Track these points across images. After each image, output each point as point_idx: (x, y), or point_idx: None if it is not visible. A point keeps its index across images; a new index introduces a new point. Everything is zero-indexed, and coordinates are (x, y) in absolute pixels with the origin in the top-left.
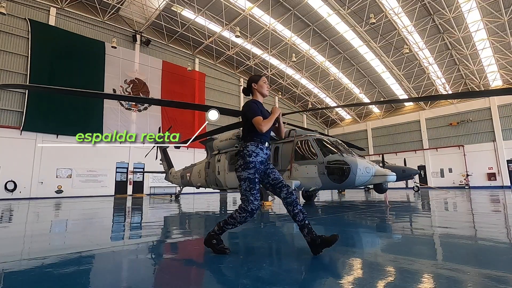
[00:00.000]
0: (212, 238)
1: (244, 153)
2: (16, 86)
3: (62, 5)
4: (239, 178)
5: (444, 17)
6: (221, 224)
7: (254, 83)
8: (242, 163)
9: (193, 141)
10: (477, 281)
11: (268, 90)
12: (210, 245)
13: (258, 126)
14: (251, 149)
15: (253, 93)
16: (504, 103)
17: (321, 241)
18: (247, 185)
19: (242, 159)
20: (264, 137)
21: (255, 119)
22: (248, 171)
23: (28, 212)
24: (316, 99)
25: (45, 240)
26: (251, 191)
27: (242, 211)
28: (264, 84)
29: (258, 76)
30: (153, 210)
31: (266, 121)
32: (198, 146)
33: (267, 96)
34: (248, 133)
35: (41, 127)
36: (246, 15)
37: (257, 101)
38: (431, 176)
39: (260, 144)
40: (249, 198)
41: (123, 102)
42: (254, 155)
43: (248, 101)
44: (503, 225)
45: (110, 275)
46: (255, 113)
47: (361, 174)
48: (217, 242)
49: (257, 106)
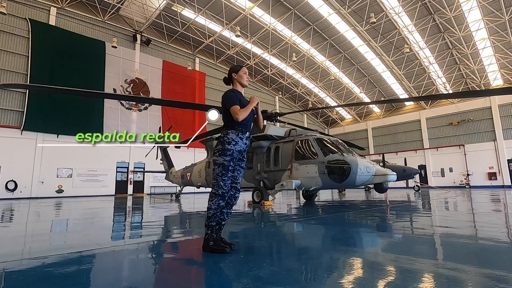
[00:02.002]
0: (207, 242)
1: (224, 140)
2: (17, 86)
3: (62, 4)
4: (214, 162)
5: (445, 16)
6: (206, 223)
7: (235, 73)
8: (220, 149)
9: (194, 140)
10: (478, 280)
11: (248, 80)
12: (208, 249)
13: (234, 115)
14: (231, 137)
15: (233, 82)
16: (505, 102)
17: (214, 244)
18: (220, 171)
19: (221, 145)
20: (245, 126)
21: (232, 107)
22: (224, 157)
23: (29, 211)
24: (316, 98)
25: (46, 240)
26: (222, 176)
27: (214, 196)
28: (244, 74)
29: (239, 66)
30: (154, 209)
31: (242, 110)
32: (199, 146)
33: (246, 87)
34: (229, 121)
35: (42, 127)
36: (246, 15)
37: (236, 91)
38: (432, 176)
39: (241, 133)
40: (219, 184)
41: (124, 101)
42: (233, 143)
43: (227, 90)
44: (503, 225)
45: (111, 275)
46: (232, 102)
47: (361, 173)
48: (214, 243)
49: (235, 95)
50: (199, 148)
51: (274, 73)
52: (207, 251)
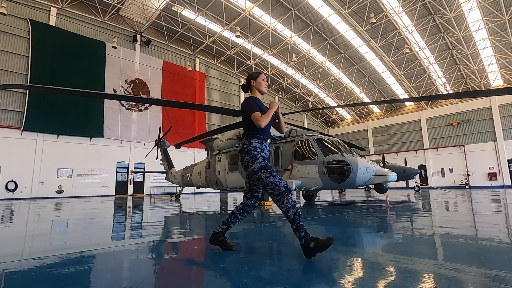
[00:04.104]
0: (309, 244)
1: (249, 149)
2: (17, 86)
3: (62, 5)
4: (252, 172)
5: (445, 16)
6: (294, 227)
7: (253, 80)
8: (249, 158)
9: (194, 140)
10: (478, 281)
11: (266, 87)
12: (313, 251)
13: (256, 122)
14: (256, 146)
15: (252, 90)
16: (505, 102)
17: (222, 240)
18: (265, 172)
19: (248, 155)
20: (266, 133)
21: (253, 114)
22: (257, 161)
23: (29, 212)
24: (316, 99)
25: (46, 240)
26: (272, 173)
27: (282, 196)
28: (263, 81)
29: (256, 73)
30: (154, 210)
31: (264, 116)
32: (199, 146)
33: (265, 93)
34: (250, 130)
35: (42, 127)
36: (246, 15)
37: (256, 98)
38: (432, 176)
39: (264, 141)
40: (274, 182)
41: (124, 102)
42: (259, 150)
43: (246, 98)
44: (503, 225)
45: (111, 275)
46: (253, 109)
47: (361, 174)
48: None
49: (255, 102)
50: (199, 148)
51: (274, 74)
52: (312, 254)
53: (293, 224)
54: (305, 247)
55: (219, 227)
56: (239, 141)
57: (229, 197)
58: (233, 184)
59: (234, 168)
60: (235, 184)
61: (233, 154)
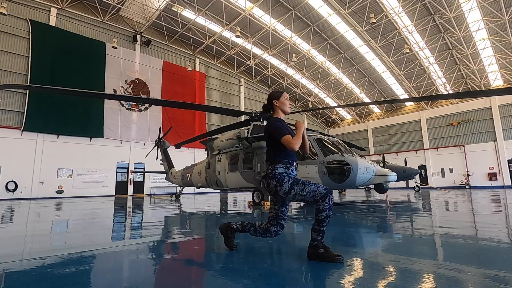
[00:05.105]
0: (317, 248)
1: (274, 175)
2: (17, 86)
3: (62, 5)
4: (284, 194)
5: (445, 16)
6: (322, 218)
7: (276, 99)
8: (276, 183)
9: (194, 141)
10: (478, 281)
11: (289, 106)
12: (318, 258)
13: (289, 145)
14: (281, 171)
15: (275, 110)
16: (505, 102)
17: (230, 236)
18: (298, 187)
19: (273, 180)
20: (292, 157)
21: (284, 138)
22: (285, 181)
23: (29, 212)
24: (316, 99)
25: (46, 240)
26: (305, 183)
27: (325, 198)
28: (286, 100)
29: (279, 92)
30: (154, 210)
31: (296, 138)
32: (199, 146)
33: (289, 113)
34: (274, 154)
35: (42, 127)
36: (246, 15)
37: (281, 119)
38: (432, 176)
39: (290, 165)
40: (312, 189)
41: (124, 102)
42: (285, 175)
43: (271, 120)
44: (503, 225)
45: (111, 275)
46: (283, 132)
47: (361, 174)
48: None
49: (282, 124)
50: (199, 148)
51: (274, 74)
52: (315, 260)
53: (318, 225)
54: (313, 250)
55: (237, 224)
56: (239, 141)
57: (229, 197)
58: (233, 184)
59: (234, 168)
60: (235, 184)
61: (233, 154)
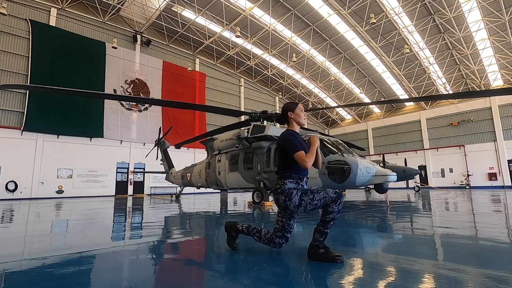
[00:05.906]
0: (318, 248)
1: (283, 190)
2: (17, 86)
3: (62, 5)
4: (295, 208)
5: (445, 16)
6: (328, 219)
7: (291, 111)
8: (285, 198)
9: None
10: (478, 281)
11: (305, 118)
12: (318, 258)
13: (302, 163)
14: (290, 186)
15: (289, 122)
16: (505, 103)
17: (233, 236)
18: (308, 197)
19: (282, 195)
20: (303, 172)
21: (297, 154)
22: (293, 194)
23: (29, 212)
24: (316, 99)
25: (46, 240)
26: (314, 192)
27: (336, 201)
28: (301, 112)
29: (294, 104)
30: (154, 210)
31: (309, 155)
32: (199, 146)
33: (304, 125)
34: (285, 168)
35: (42, 128)
36: (246, 15)
37: (295, 132)
38: (432, 176)
39: (300, 180)
40: (321, 197)
41: (124, 102)
42: (293, 189)
43: (284, 133)
44: (504, 225)
45: (111, 275)
46: (296, 147)
47: (361, 174)
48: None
49: (296, 138)
50: (199, 148)
51: (274, 74)
52: (315, 260)
53: (323, 226)
54: (314, 250)
55: (243, 226)
56: (239, 141)
57: (229, 197)
58: (233, 184)
59: (234, 168)
60: (235, 184)
61: (233, 154)
